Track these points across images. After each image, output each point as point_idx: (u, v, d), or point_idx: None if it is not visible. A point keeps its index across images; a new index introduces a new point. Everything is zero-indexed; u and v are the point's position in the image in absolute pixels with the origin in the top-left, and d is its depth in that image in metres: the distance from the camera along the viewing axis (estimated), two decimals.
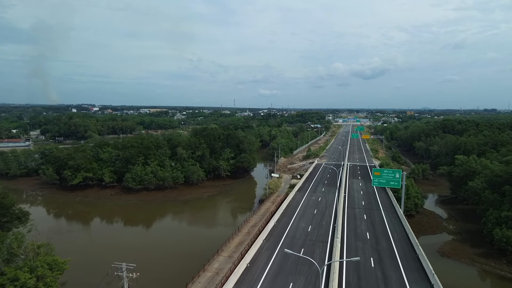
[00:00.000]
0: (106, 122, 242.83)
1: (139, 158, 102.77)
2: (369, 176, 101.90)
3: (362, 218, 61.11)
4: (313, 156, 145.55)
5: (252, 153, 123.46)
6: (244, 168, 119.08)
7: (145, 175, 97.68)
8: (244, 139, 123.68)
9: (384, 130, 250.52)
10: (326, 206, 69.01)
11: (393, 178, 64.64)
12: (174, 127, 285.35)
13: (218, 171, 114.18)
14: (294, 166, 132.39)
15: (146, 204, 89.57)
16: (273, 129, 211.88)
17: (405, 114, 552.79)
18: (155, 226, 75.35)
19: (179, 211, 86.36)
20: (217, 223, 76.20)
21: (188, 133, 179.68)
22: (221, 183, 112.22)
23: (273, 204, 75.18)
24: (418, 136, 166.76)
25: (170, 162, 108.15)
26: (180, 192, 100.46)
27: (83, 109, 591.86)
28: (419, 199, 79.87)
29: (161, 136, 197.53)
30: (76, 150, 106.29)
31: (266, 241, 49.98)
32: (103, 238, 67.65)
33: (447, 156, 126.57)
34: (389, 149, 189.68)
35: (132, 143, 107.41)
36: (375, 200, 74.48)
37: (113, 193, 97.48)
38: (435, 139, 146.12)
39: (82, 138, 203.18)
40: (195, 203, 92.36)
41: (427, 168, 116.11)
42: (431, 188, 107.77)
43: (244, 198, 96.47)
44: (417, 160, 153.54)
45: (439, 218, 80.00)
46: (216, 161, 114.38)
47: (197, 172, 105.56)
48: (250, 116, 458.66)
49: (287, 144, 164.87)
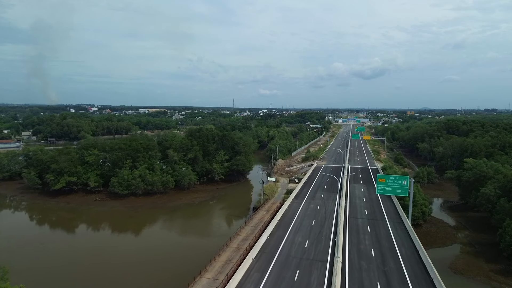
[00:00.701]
0: (101, 122, 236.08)
1: (126, 161, 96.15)
2: (371, 180, 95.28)
3: (366, 231, 54.41)
4: (312, 158, 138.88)
5: (248, 155, 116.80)
6: (239, 171, 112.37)
7: (133, 180, 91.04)
8: (239, 140, 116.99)
9: (385, 131, 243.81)
10: (325, 215, 62.30)
11: (400, 185, 57.96)
12: (171, 128, 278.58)
13: (212, 174, 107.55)
14: (292, 169, 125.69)
15: (132, 211, 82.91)
16: (271, 129, 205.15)
17: (405, 114, 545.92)
18: (136, 239, 67.18)
19: (167, 219, 79.60)
20: (206, 234, 69.37)
21: (184, 133, 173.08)
22: (214, 187, 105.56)
23: (268, 213, 68.50)
24: (421, 137, 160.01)
25: (160, 165, 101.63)
26: (170, 197, 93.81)
27: (81, 109, 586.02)
28: (426, 206, 73.21)
29: (156, 136, 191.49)
30: (60, 153, 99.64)
31: (256, 260, 43.29)
32: (74, 254, 60.41)
33: (453, 158, 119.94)
34: (391, 150, 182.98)
35: (120, 145, 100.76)
36: (379, 208, 67.75)
37: (98, 199, 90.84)
38: (440, 140, 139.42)
39: (75, 139, 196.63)
40: (185, 210, 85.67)
41: (432, 171, 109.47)
42: (437, 192, 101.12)
43: (238, 204, 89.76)
44: (421, 162, 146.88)
45: (449, 228, 73.34)
46: (209, 164, 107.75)
47: (188, 176, 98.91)
48: (249, 116, 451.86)
49: (285, 145, 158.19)
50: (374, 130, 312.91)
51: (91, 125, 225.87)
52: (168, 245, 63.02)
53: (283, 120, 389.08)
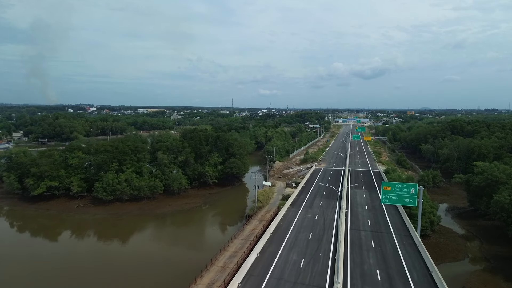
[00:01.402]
0: (95, 123, 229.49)
1: (112, 165, 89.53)
2: (374, 185, 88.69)
3: (370, 246, 47.80)
4: (311, 160, 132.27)
5: (243, 157, 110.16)
6: (234, 175, 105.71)
7: (118, 184, 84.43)
8: (234, 142, 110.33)
9: (386, 131, 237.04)
10: (324, 227, 55.70)
11: (407, 194, 51.36)
12: (167, 128, 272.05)
13: (204, 178, 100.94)
14: (290, 172, 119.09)
15: (116, 219, 76.35)
16: (269, 130, 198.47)
17: (405, 114, 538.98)
18: (111, 254, 59.48)
19: (152, 229, 72.97)
20: (192, 247, 62.52)
21: (179, 134, 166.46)
22: (207, 192, 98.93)
23: (261, 223, 61.92)
24: (425, 138, 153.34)
25: (149, 169, 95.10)
26: (159, 203, 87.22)
27: (80, 109, 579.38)
28: (434, 215, 66.59)
29: (150, 137, 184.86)
30: (41, 155, 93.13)
31: (242, 286, 36.74)
32: (43, 270, 54.13)
33: (459, 160, 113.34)
34: (393, 151, 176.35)
35: (105, 147, 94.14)
36: (383, 218, 61.13)
37: (81, 205, 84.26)
38: (444, 142, 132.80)
39: (68, 140, 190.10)
40: (172, 217, 79.02)
41: (438, 174, 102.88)
42: (443, 197, 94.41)
43: (231, 211, 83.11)
44: (424, 164, 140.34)
45: (459, 238, 66.73)
46: (202, 167, 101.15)
47: (178, 180, 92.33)
48: (248, 116, 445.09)
49: (283, 147, 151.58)
50: (375, 131, 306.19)
51: (85, 125, 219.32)
52: (146, 263, 55.23)
53: (282, 120, 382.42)
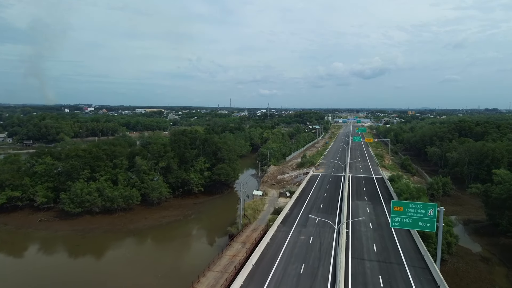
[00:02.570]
0: (85, 123, 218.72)
1: (83, 172, 78.80)
2: (378, 195, 77.77)
3: (377, 285, 36.92)
4: (309, 164, 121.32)
5: (232, 162, 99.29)
6: (222, 182, 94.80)
7: (87, 195, 73.62)
8: (222, 145, 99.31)
9: (388, 132, 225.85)
10: (320, 255, 44.81)
11: (424, 216, 40.47)
12: (162, 129, 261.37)
13: (189, 186, 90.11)
14: (285, 177, 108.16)
15: (80, 237, 65.50)
16: (266, 131, 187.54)
17: (406, 114, 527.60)
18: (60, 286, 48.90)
19: (119, 249, 61.91)
20: (162, 275, 51.58)
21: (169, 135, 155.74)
22: (191, 201, 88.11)
23: (244, 247, 51.04)
24: (430, 139, 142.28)
25: (127, 175, 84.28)
26: (134, 216, 76.42)
27: (77, 109, 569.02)
28: (452, 234, 55.72)
29: (139, 139, 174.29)
30: (5, 161, 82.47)
31: None
32: None
33: (470, 165, 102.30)
34: (396, 154, 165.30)
35: (77, 152, 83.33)
36: (391, 241, 50.22)
37: (44, 219, 73.40)
38: (452, 144, 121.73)
39: (53, 141, 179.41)
40: (146, 234, 68.09)
41: (448, 181, 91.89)
42: (456, 208, 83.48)
43: (214, 226, 72.11)
44: (430, 168, 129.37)
45: (480, 262, 55.78)
46: (186, 173, 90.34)
47: (158, 189, 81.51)
48: (246, 116, 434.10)
49: (278, 149, 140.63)
50: (376, 131, 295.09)
51: (74, 126, 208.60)
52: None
53: (281, 120, 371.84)
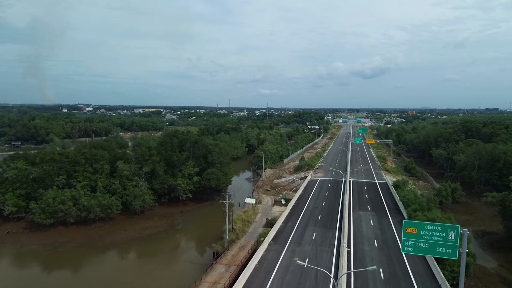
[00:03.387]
0: (78, 124, 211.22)
1: (58, 178, 71.34)
2: (382, 204, 70.12)
3: None
4: (307, 167, 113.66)
5: (224, 166, 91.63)
6: (212, 188, 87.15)
7: (60, 204, 66.14)
8: (213, 148, 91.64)
9: (389, 132, 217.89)
10: (315, 285, 37.20)
11: (443, 240, 32.56)
12: (157, 129, 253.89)
13: (176, 192, 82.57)
14: (281, 182, 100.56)
15: (49, 253, 57.98)
16: (263, 131, 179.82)
17: (407, 114, 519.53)
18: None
19: (87, 269, 54.21)
20: None
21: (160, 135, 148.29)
22: (178, 209, 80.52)
23: (228, 270, 43.45)
24: (435, 141, 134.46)
25: (109, 181, 76.78)
26: (113, 227, 68.90)
27: (76, 108, 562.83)
28: (469, 253, 48.04)
29: (131, 140, 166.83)
30: None
31: None
32: None
33: (480, 169, 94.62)
34: (398, 155, 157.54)
35: (52, 156, 75.84)
36: (401, 264, 42.61)
37: (12, 231, 65.76)
38: (459, 146, 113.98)
39: (43, 142, 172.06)
40: (122, 249, 60.60)
41: (458, 187, 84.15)
42: (466, 217, 75.63)
43: (201, 239, 64.56)
44: (435, 171, 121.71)
45: (502, 285, 48.25)
46: (173, 179, 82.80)
47: (141, 197, 73.98)
48: (245, 116, 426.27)
49: (275, 151, 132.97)
50: (376, 131, 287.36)
51: (66, 127, 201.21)
52: None
53: (280, 120, 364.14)
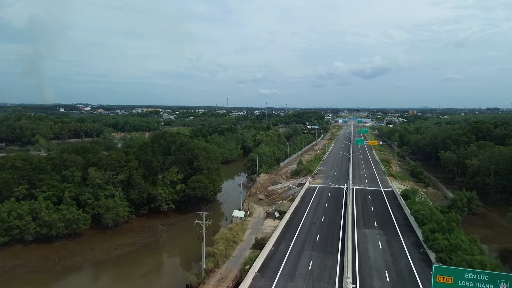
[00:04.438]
0: (68, 124, 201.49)
1: (18, 188, 61.54)
2: (390, 219, 60.01)
3: None
4: (305, 172, 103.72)
5: (212, 172, 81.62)
6: (198, 197, 77.18)
7: (16, 220, 56.32)
8: (200, 152, 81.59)
9: (392, 133, 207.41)
10: None
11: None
12: (152, 129, 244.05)
13: (156, 202, 72.68)
14: (276, 189, 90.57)
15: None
16: (259, 132, 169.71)
17: (408, 113, 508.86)
18: None
19: None
20: None
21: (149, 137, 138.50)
22: (158, 221, 70.68)
23: None
24: (443, 143, 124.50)
25: (78, 191, 66.89)
26: (79, 245, 59.04)
27: (73, 108, 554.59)
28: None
29: (121, 141, 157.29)
30: None
31: None
32: None
33: (497, 176, 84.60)
34: (403, 158, 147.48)
35: (14, 162, 65.94)
36: None
37: None
38: (470, 149, 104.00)
39: (28, 144, 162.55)
40: (81, 276, 50.68)
41: (474, 196, 74.07)
42: (486, 233, 65.43)
43: (177, 262, 54.84)
44: (444, 176, 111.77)
45: None
46: (153, 187, 72.91)
47: (114, 209, 64.11)
48: (244, 116, 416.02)
49: (272, 154, 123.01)
50: (378, 131, 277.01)
51: (55, 127, 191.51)
52: None
53: (279, 120, 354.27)
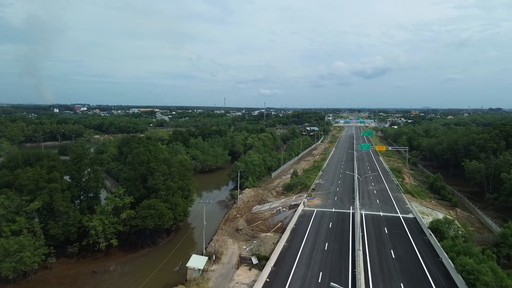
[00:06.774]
0: (41, 126, 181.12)
1: None
2: (423, 275, 38.79)
3: None
4: (300, 187, 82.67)
5: (175, 193, 60.64)
6: (152, 228, 56.20)
7: None
8: (158, 166, 60.47)
9: (399, 135, 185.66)
10: None
11: None
12: (139, 131, 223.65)
13: (90, 238, 51.82)
14: (262, 211, 69.48)
15: None
16: (251, 135, 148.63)
17: (410, 114, 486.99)
18: None
19: None
20: None
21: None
22: (92, 266, 49.90)
23: None
24: (465, 148, 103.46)
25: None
26: None
27: (69, 108, 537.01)
28: None
29: (94, 145, 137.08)
30: None
31: None
32: None
33: None
34: (414, 165, 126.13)
35: None
36: None
37: None
38: (505, 158, 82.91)
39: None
40: None
41: None
42: None
43: None
44: (468, 189, 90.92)
45: None
46: (86, 216, 52.10)
47: (16, 254, 43.41)
48: (241, 116, 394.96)
49: (261, 162, 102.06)
50: (381, 133, 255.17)
51: (27, 129, 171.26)
52: None
53: (277, 120, 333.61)
